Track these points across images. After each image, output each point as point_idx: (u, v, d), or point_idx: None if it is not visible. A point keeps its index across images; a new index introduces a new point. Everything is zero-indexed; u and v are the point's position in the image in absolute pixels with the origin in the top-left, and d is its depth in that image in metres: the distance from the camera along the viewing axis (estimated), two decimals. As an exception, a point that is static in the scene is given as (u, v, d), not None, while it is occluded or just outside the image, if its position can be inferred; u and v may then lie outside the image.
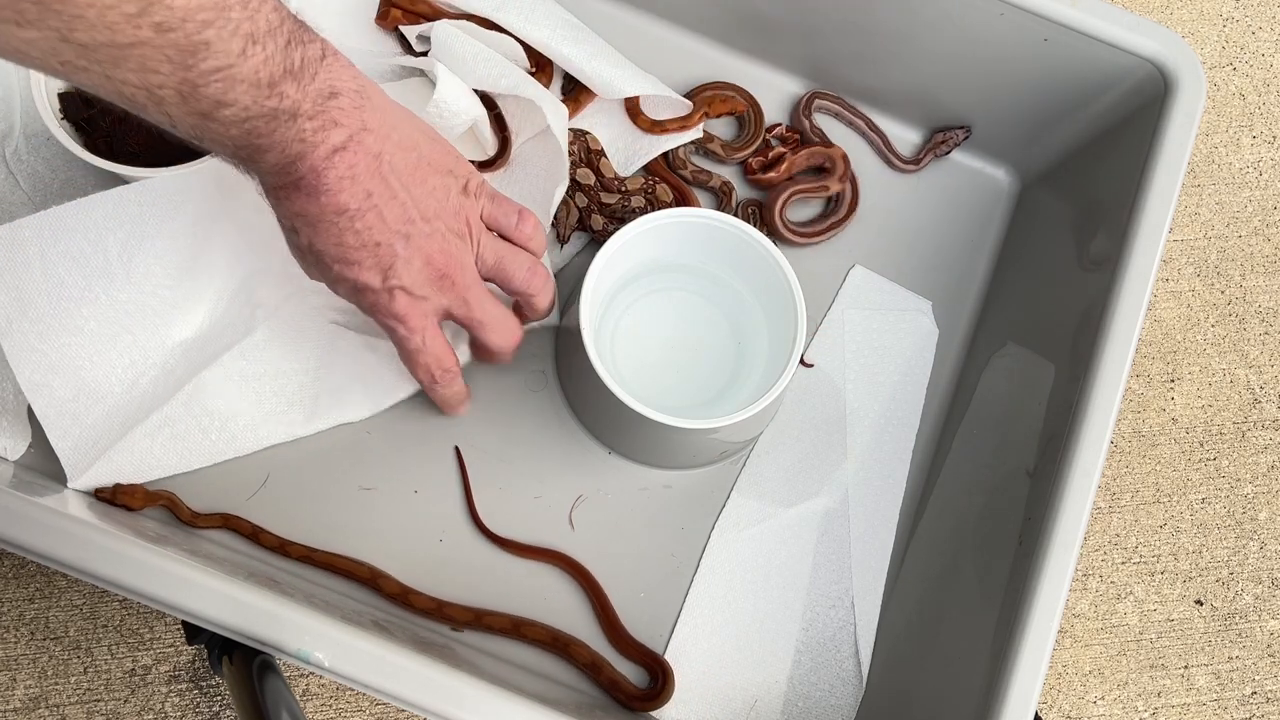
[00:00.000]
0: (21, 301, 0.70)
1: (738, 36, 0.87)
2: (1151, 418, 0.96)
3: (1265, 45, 1.06)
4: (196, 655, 0.83)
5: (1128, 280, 0.72)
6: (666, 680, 0.74)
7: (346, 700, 0.83)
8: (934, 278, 0.86)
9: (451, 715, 0.60)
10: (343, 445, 0.77)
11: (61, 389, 0.72)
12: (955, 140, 0.87)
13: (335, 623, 0.61)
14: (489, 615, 0.74)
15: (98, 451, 0.72)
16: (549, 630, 0.74)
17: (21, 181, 0.76)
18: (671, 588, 0.77)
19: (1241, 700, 0.92)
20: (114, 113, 0.74)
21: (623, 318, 0.79)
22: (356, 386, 0.76)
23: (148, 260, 0.72)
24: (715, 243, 0.75)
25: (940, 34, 0.80)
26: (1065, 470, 0.68)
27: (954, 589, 0.75)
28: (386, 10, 0.81)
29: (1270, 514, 0.95)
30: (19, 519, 0.61)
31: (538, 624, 0.74)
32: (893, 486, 0.81)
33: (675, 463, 0.79)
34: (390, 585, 0.74)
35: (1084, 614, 0.92)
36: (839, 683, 0.77)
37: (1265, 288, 1.00)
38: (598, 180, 0.81)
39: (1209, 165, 1.03)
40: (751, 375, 0.77)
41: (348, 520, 0.76)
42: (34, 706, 0.81)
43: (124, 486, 0.72)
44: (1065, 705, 0.90)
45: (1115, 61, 0.77)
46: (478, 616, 0.73)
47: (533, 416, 0.79)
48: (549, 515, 0.78)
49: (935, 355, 0.84)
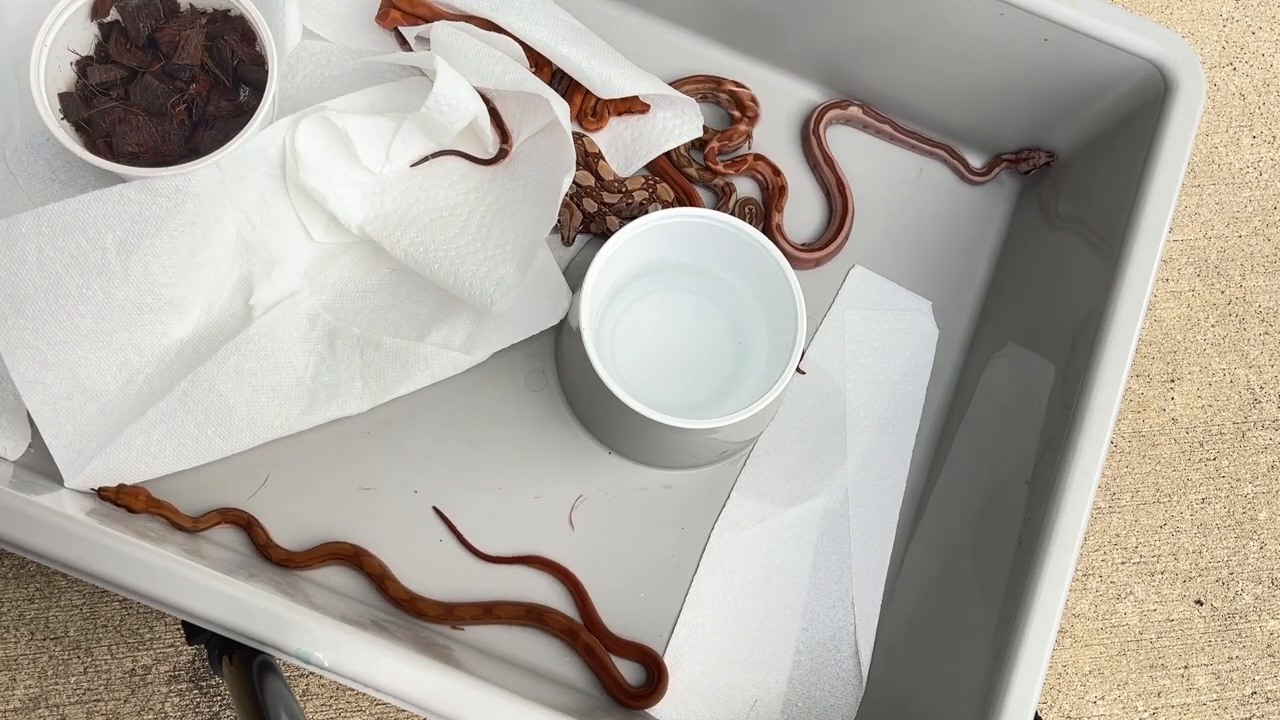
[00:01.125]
0: (17, 298, 0.70)
1: (738, 37, 0.87)
2: (1151, 418, 0.96)
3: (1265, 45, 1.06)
4: (196, 655, 0.83)
5: (1128, 280, 0.72)
6: (661, 674, 0.74)
7: (346, 700, 0.83)
8: (934, 278, 0.86)
9: (451, 715, 0.60)
10: (343, 445, 0.77)
11: (56, 386, 0.72)
12: (1037, 162, 0.85)
13: (335, 623, 0.61)
14: (459, 607, 0.74)
15: (93, 449, 0.72)
16: (521, 605, 0.74)
17: (21, 181, 0.76)
18: (671, 588, 0.77)
19: (1241, 700, 0.91)
20: (114, 113, 0.74)
21: (623, 318, 0.79)
22: (355, 381, 0.76)
23: (145, 259, 0.72)
24: (715, 243, 0.75)
25: (940, 34, 0.80)
26: (1065, 470, 0.68)
27: (954, 589, 0.75)
28: (386, 10, 0.81)
29: (1270, 514, 0.95)
30: (19, 519, 0.61)
31: (508, 603, 0.74)
32: (893, 486, 0.81)
33: (675, 463, 0.79)
34: (372, 565, 0.74)
35: (1084, 614, 0.92)
36: (839, 683, 0.77)
37: (1265, 288, 1.00)
38: (597, 181, 0.81)
39: (1209, 165, 1.03)
40: (751, 375, 0.77)
41: (348, 520, 0.76)
42: (34, 706, 0.81)
43: (128, 488, 0.72)
44: (1065, 705, 0.90)
45: (1115, 61, 0.77)
46: (448, 610, 0.74)
47: (533, 416, 0.79)
48: (549, 515, 0.78)
49: (935, 355, 0.84)
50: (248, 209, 0.76)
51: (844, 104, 0.86)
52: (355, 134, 0.76)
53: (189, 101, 0.76)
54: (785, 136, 0.87)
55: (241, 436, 0.74)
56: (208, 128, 0.76)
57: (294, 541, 0.76)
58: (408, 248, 0.76)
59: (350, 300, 0.78)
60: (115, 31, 0.77)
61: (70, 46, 0.75)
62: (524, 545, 0.77)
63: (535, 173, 0.79)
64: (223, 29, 0.77)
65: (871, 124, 0.87)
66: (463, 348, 0.77)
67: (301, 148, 0.75)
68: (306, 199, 0.77)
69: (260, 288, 0.76)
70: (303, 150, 0.75)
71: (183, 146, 0.76)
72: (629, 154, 0.83)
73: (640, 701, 0.73)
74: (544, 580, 0.77)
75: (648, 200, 0.82)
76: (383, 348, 0.76)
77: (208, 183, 0.73)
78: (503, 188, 0.79)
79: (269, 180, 0.76)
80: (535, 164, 0.79)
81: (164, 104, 0.75)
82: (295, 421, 0.75)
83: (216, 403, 0.73)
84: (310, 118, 0.75)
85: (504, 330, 0.78)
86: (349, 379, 0.76)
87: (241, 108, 0.77)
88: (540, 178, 0.79)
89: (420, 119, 0.76)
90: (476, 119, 0.77)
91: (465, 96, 0.75)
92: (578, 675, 0.75)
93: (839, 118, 0.87)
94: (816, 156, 0.85)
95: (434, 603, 0.74)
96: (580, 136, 0.82)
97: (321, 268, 0.78)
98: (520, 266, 0.75)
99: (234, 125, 0.75)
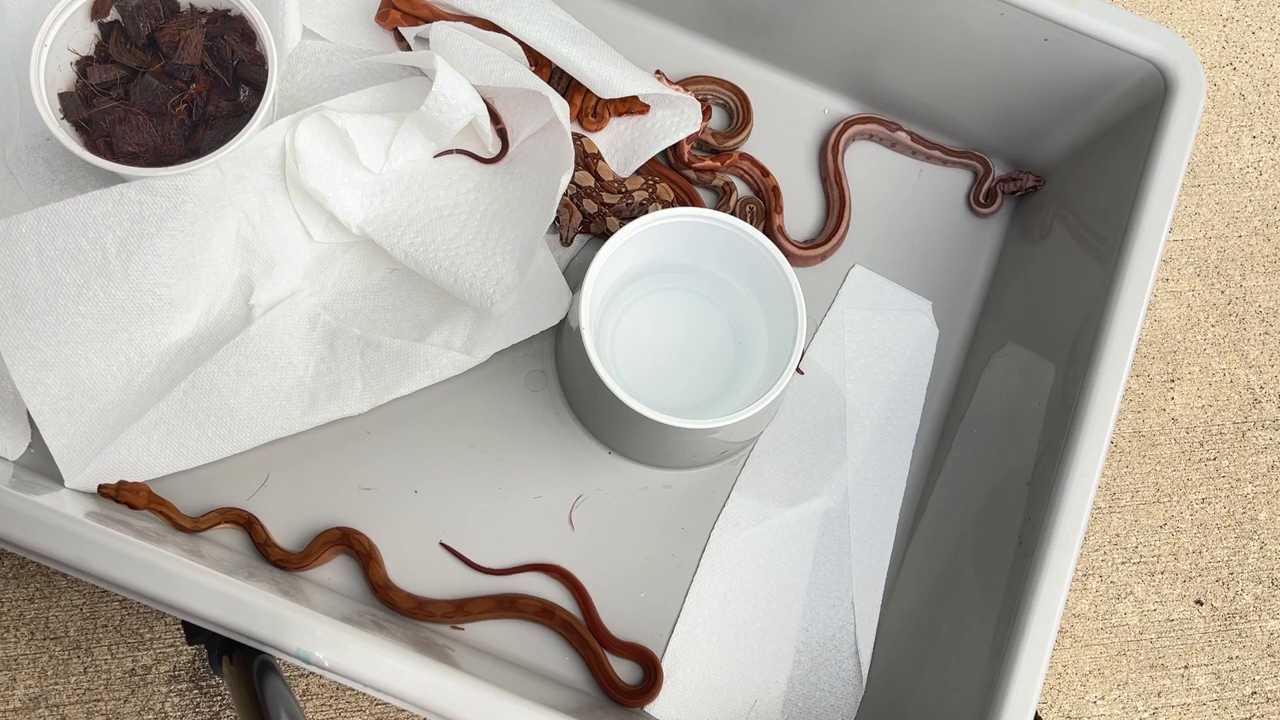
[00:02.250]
0: (17, 298, 0.70)
1: (738, 37, 0.87)
2: (1151, 418, 0.96)
3: (1265, 45, 1.06)
4: (196, 655, 0.83)
5: (1128, 280, 0.72)
6: (656, 676, 0.74)
7: (346, 700, 0.83)
8: (934, 278, 0.86)
9: (451, 715, 0.60)
10: (343, 445, 0.77)
11: (56, 386, 0.72)
12: (1024, 184, 0.86)
13: (335, 623, 0.61)
14: (430, 603, 0.74)
15: (94, 450, 0.72)
16: (491, 598, 0.74)
17: (21, 181, 0.76)
18: (671, 588, 0.77)
19: (1241, 700, 0.91)
20: (114, 113, 0.74)
21: (623, 318, 0.79)
22: (356, 382, 0.76)
23: (146, 258, 0.72)
24: (715, 243, 0.75)
25: (940, 34, 0.80)
26: (1065, 470, 0.68)
27: (954, 589, 0.75)
28: (387, 10, 0.81)
29: (1270, 514, 0.95)
30: (19, 519, 0.61)
31: (478, 598, 0.74)
32: (893, 486, 0.81)
33: (675, 463, 0.79)
34: (360, 543, 0.74)
35: (1084, 614, 0.92)
36: (839, 683, 0.77)
37: (1265, 288, 1.00)
38: (597, 182, 0.81)
39: (1209, 165, 1.03)
40: (751, 375, 0.77)
41: (348, 520, 0.76)
42: (34, 706, 0.81)
43: (128, 484, 0.72)
44: (1065, 705, 0.90)
45: (1115, 61, 0.77)
46: (419, 605, 0.74)
47: (533, 416, 0.79)
48: (549, 515, 0.78)
49: (935, 355, 0.84)
50: (248, 209, 0.76)
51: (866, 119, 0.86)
52: (355, 134, 0.76)
53: (189, 101, 0.76)
54: (785, 136, 0.87)
55: (242, 437, 0.74)
56: (208, 128, 0.76)
57: (294, 541, 0.76)
58: (408, 248, 0.76)
59: (350, 300, 0.78)
60: (115, 31, 0.77)
61: (70, 46, 0.75)
62: (524, 545, 0.77)
63: (534, 172, 0.79)
64: (223, 29, 0.77)
65: (888, 138, 0.87)
66: (463, 348, 0.77)
67: (302, 147, 0.75)
68: (306, 199, 0.77)
69: (260, 288, 0.76)
70: (303, 150, 0.75)
71: (183, 146, 0.76)
72: (629, 153, 0.83)
73: (634, 700, 0.74)
74: (545, 581, 0.77)
75: (648, 200, 0.82)
76: (383, 348, 0.76)
77: (207, 183, 0.73)
78: (502, 187, 0.79)
79: (269, 180, 0.76)
80: (534, 163, 0.79)
81: (164, 104, 0.75)
82: (296, 422, 0.75)
83: (217, 403, 0.73)
84: (310, 118, 0.76)
85: (504, 330, 0.78)
86: (349, 379, 0.76)
87: (241, 108, 0.77)
88: (539, 177, 0.79)
89: (420, 118, 0.76)
90: (476, 118, 0.77)
91: (465, 96, 0.75)
92: (577, 675, 0.75)
93: (861, 133, 0.87)
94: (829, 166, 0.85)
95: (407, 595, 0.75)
96: (580, 137, 0.82)
97: (322, 268, 0.78)
98: (520, 266, 0.75)
99: (234, 125, 0.75)
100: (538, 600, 0.75)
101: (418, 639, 0.70)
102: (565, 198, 0.81)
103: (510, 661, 0.75)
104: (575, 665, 0.75)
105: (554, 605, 0.75)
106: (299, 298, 0.77)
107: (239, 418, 0.74)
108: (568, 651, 0.76)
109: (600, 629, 0.75)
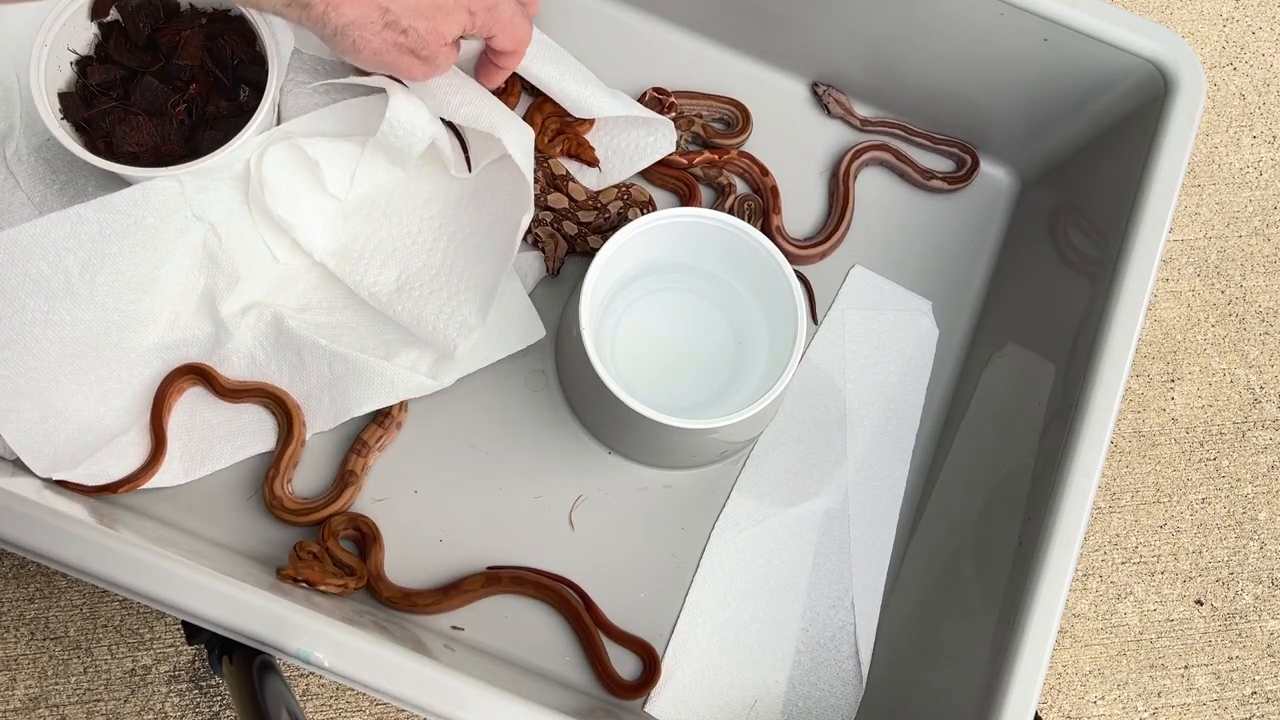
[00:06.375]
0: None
1: (738, 37, 0.87)
2: (1151, 418, 0.96)
3: (1265, 45, 1.06)
4: (196, 655, 0.83)
5: (1128, 280, 0.72)
6: (655, 668, 0.74)
7: (346, 700, 0.83)
8: (934, 278, 0.86)
9: (451, 715, 0.60)
10: (342, 445, 0.77)
11: (29, 412, 0.71)
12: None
13: (335, 623, 0.61)
14: (416, 594, 0.74)
15: (74, 465, 0.72)
16: (476, 578, 0.74)
17: (21, 181, 0.76)
18: (671, 588, 0.77)
19: (1241, 700, 0.91)
20: (114, 113, 0.74)
21: (622, 318, 0.79)
22: (324, 396, 0.75)
23: (109, 277, 0.71)
24: (715, 243, 0.75)
25: (940, 34, 0.80)
26: (1065, 470, 0.68)
27: (954, 589, 0.75)
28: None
29: (1270, 514, 0.95)
30: (19, 519, 0.61)
31: (464, 579, 0.74)
32: (893, 486, 0.81)
33: (675, 463, 0.79)
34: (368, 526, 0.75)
35: (1084, 614, 0.92)
36: (839, 683, 0.77)
37: (1265, 288, 1.00)
38: (571, 203, 0.80)
39: (1209, 165, 1.03)
40: (751, 375, 0.77)
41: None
42: (34, 706, 0.81)
43: (307, 559, 0.72)
44: (1065, 705, 0.90)
45: (1115, 61, 0.77)
46: (405, 595, 0.74)
47: (533, 416, 0.79)
48: (549, 515, 0.78)
49: (935, 355, 0.84)
50: (214, 221, 0.75)
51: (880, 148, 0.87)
52: (325, 161, 0.75)
53: (189, 101, 0.76)
54: (785, 136, 0.87)
55: (220, 456, 0.74)
56: (208, 128, 0.76)
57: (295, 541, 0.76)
58: (371, 286, 0.76)
59: (315, 315, 0.77)
60: (115, 31, 0.77)
61: (70, 46, 0.75)
62: (524, 545, 0.77)
63: (497, 202, 0.77)
64: (223, 29, 0.77)
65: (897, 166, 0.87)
66: (429, 373, 0.76)
67: (269, 175, 0.74)
68: (271, 223, 0.76)
69: (225, 300, 0.75)
70: (269, 178, 0.74)
71: (183, 146, 0.76)
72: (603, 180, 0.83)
73: (629, 693, 0.74)
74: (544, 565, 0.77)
75: (624, 208, 0.81)
76: (350, 361, 0.74)
77: (167, 194, 0.72)
78: (467, 215, 0.78)
79: (233, 192, 0.75)
80: (498, 193, 0.78)
81: (164, 104, 0.75)
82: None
83: (194, 422, 0.73)
84: (277, 144, 0.75)
85: (471, 357, 0.77)
86: (319, 393, 0.75)
87: (241, 108, 0.77)
88: (502, 209, 0.77)
89: (379, 143, 0.75)
90: (435, 141, 0.75)
91: (421, 120, 0.74)
92: (577, 675, 0.75)
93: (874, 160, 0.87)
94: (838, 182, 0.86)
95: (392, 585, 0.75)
96: (545, 159, 0.81)
97: (285, 285, 0.78)
98: (482, 308, 0.75)
99: (234, 125, 0.75)
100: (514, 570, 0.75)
101: (418, 639, 0.70)
102: (548, 226, 0.80)
103: (510, 662, 0.75)
104: (575, 665, 0.75)
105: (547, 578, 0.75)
106: (262, 310, 0.76)
107: (219, 435, 0.74)
108: (568, 651, 0.76)
109: (599, 614, 0.75)
